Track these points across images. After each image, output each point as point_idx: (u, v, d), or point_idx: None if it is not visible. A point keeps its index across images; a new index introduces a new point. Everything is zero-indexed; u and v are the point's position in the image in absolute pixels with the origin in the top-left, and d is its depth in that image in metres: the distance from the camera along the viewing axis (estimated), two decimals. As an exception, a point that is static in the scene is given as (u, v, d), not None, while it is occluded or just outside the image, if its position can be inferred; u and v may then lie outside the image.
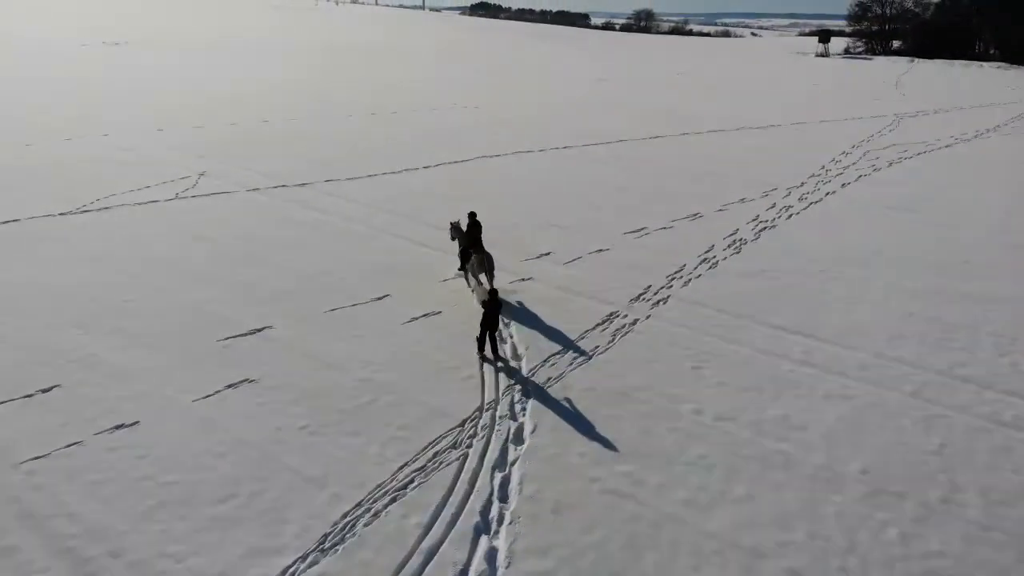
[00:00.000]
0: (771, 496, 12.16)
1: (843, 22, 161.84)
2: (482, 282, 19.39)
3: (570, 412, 14.20)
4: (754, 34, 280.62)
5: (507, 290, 19.58)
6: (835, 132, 47.74)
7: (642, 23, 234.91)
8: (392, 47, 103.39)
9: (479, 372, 15.57)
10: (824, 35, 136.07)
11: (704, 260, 22.78)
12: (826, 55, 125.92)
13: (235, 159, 33.12)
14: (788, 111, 57.20)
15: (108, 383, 14.66)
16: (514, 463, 12.66)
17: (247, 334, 16.78)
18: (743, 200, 29.91)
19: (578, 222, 26.12)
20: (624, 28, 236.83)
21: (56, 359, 15.46)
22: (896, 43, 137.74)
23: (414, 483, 12.03)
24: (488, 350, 16.21)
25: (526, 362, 16.07)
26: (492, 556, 10.71)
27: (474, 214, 20.13)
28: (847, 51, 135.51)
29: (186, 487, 11.86)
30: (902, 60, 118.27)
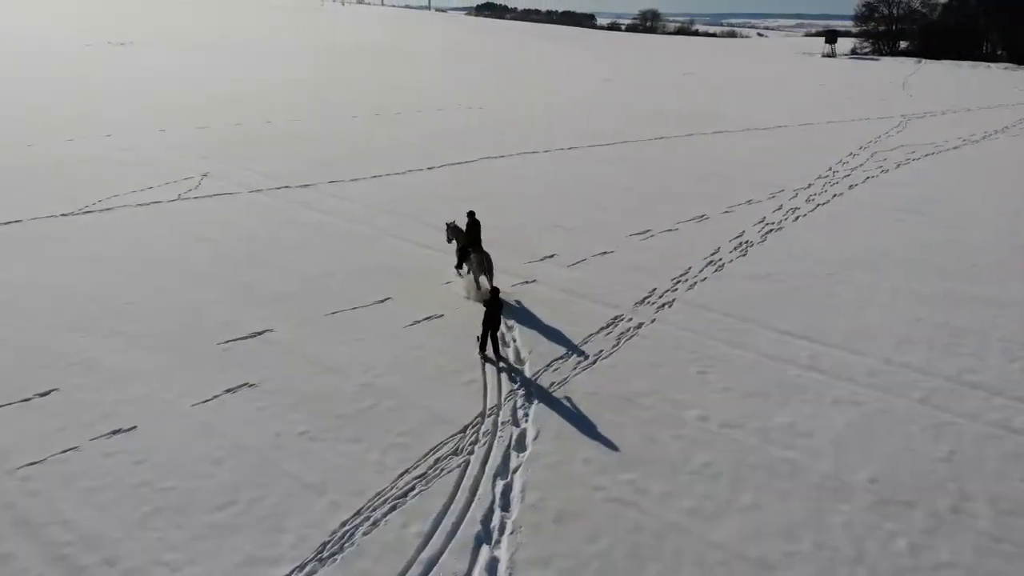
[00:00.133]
0: (777, 505, 11.95)
1: (850, 22, 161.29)
2: (481, 284, 19.24)
3: (573, 418, 14.00)
4: (760, 34, 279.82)
5: (510, 292, 19.41)
6: (842, 133, 47.45)
7: (648, 23, 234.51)
8: (397, 47, 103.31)
9: (481, 376, 15.38)
10: (831, 35, 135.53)
11: (710, 263, 22.56)
12: (833, 55, 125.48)
13: (238, 159, 33.01)
14: (795, 112, 56.90)
15: (106, 386, 14.51)
16: (516, 470, 12.47)
17: (247, 337, 16.62)
18: (749, 202, 29.67)
19: (583, 224, 25.92)
20: (630, 28, 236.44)
21: (55, 362, 15.33)
22: (903, 44, 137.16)
23: (414, 491, 11.84)
24: (489, 350, 16.13)
25: (529, 366, 15.88)
26: (493, 567, 10.51)
27: (473, 213, 20.08)
28: (854, 52, 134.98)
29: (183, 494, 11.69)
30: (909, 61, 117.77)
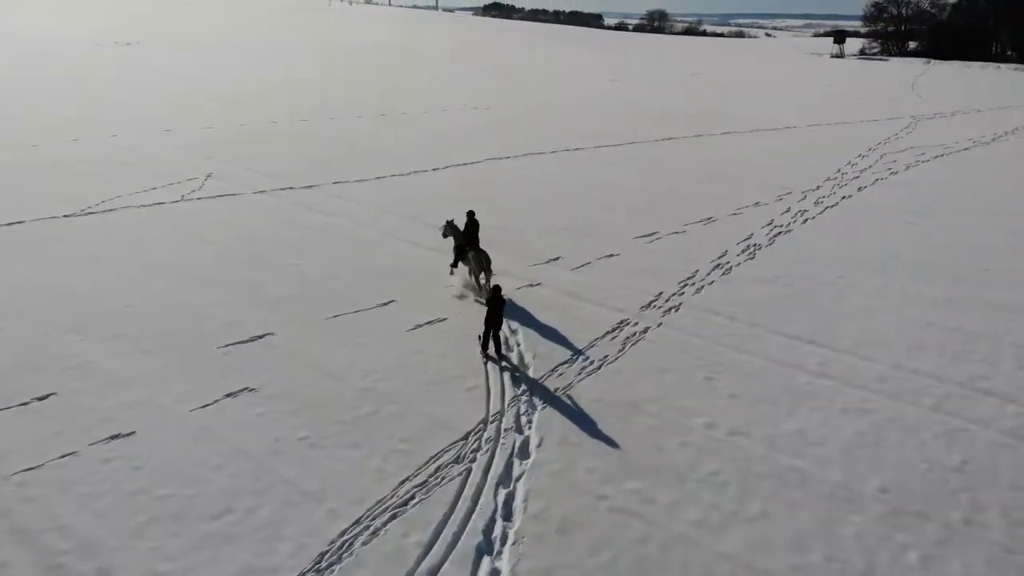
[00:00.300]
0: (786, 515, 11.69)
1: (858, 23, 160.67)
2: (481, 282, 19.28)
3: (578, 425, 13.75)
4: (768, 35, 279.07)
5: (514, 295, 19.19)
6: (851, 134, 47.08)
7: (655, 23, 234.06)
8: (404, 48, 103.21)
9: (484, 381, 15.15)
10: (839, 36, 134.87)
11: (717, 266, 22.29)
12: (841, 56, 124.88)
13: (243, 160, 32.87)
14: (803, 113, 56.54)
15: (105, 391, 14.32)
16: (519, 479, 12.23)
17: (248, 340, 16.43)
18: (757, 204, 29.39)
19: (589, 226, 25.68)
20: (637, 28, 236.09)
21: (53, 365, 15.16)
22: (912, 44, 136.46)
23: (415, 499, 11.62)
24: (491, 349, 16.08)
25: (533, 371, 15.64)
26: (495, 578, 10.29)
27: (472, 213, 20.14)
28: (862, 52, 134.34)
29: (181, 501, 11.50)
30: (918, 61, 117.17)
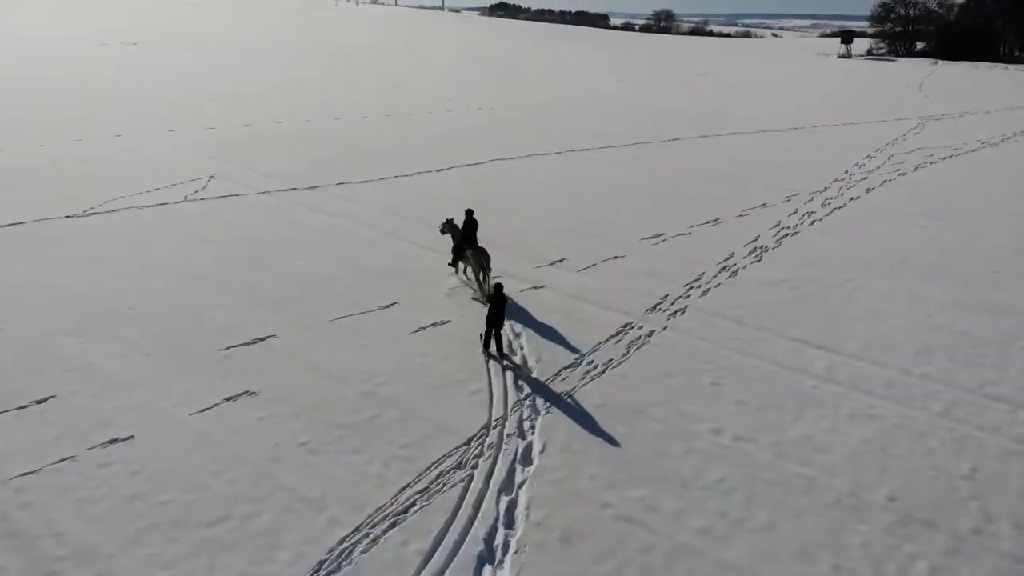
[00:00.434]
0: (793, 524, 11.50)
1: (865, 23, 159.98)
2: (481, 280, 19.32)
3: (581, 430, 13.58)
4: (775, 35, 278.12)
5: (518, 297, 19.04)
6: (859, 135, 46.77)
7: (661, 24, 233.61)
8: (410, 48, 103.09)
9: (487, 385, 14.98)
10: (846, 36, 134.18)
11: (724, 268, 22.09)
12: (848, 56, 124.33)
13: (247, 160, 32.75)
14: (810, 113, 56.22)
15: (105, 394, 14.20)
16: (521, 486, 12.06)
17: (249, 343, 16.29)
18: (764, 205, 29.16)
19: (594, 227, 25.49)
20: (644, 29, 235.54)
21: (53, 367, 15.04)
22: (919, 44, 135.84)
23: (416, 506, 11.45)
24: (493, 347, 16.07)
25: (536, 375, 15.47)
26: (496, 588, 10.13)
27: (471, 212, 20.11)
28: (870, 52, 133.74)
29: (179, 507, 11.35)
30: (925, 62, 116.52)
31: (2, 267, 19.86)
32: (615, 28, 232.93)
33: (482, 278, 19.23)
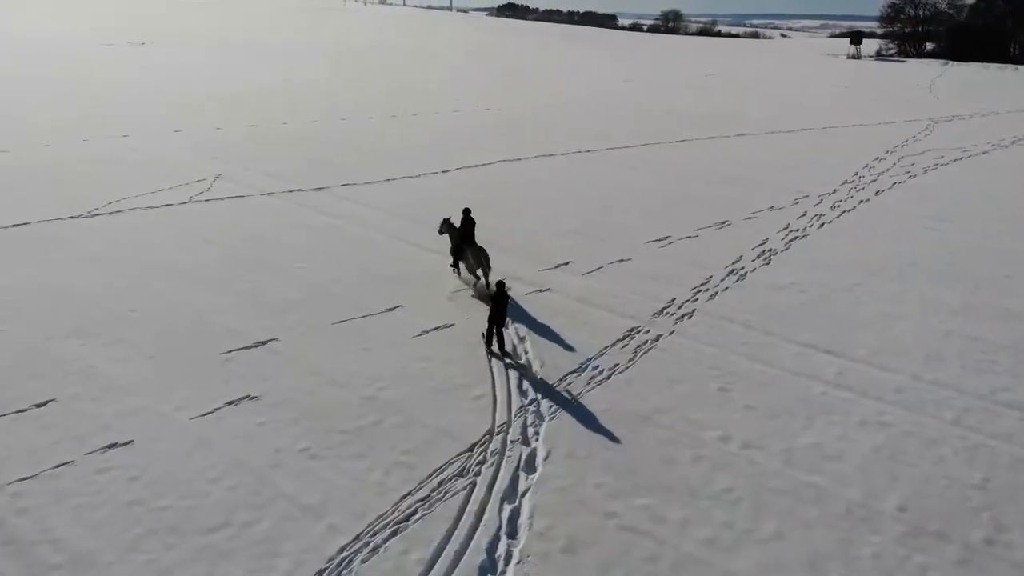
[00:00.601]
0: (802, 535, 11.27)
1: (875, 23, 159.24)
2: (479, 276, 19.44)
3: (586, 437, 13.37)
4: (783, 35, 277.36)
5: (523, 301, 18.86)
6: (868, 136, 46.42)
7: (670, 24, 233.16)
8: (417, 48, 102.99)
9: (491, 390, 14.78)
10: (856, 37, 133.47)
11: (732, 271, 21.85)
12: (858, 57, 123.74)
13: (252, 161, 32.63)
14: (819, 114, 55.87)
15: (105, 397, 14.06)
16: (525, 494, 11.85)
17: (251, 346, 16.13)
18: (773, 207, 28.89)
19: (600, 229, 25.28)
20: (652, 29, 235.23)
21: (54, 370, 14.91)
22: (929, 45, 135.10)
23: (417, 514, 11.26)
24: (495, 345, 16.10)
25: (541, 380, 15.26)
26: (498, 599, 9.94)
27: (468, 211, 20.13)
28: (879, 53, 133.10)
29: (177, 513, 11.20)
30: (935, 63, 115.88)
31: (5, 268, 19.75)
32: (623, 28, 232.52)
33: (481, 277, 19.33)
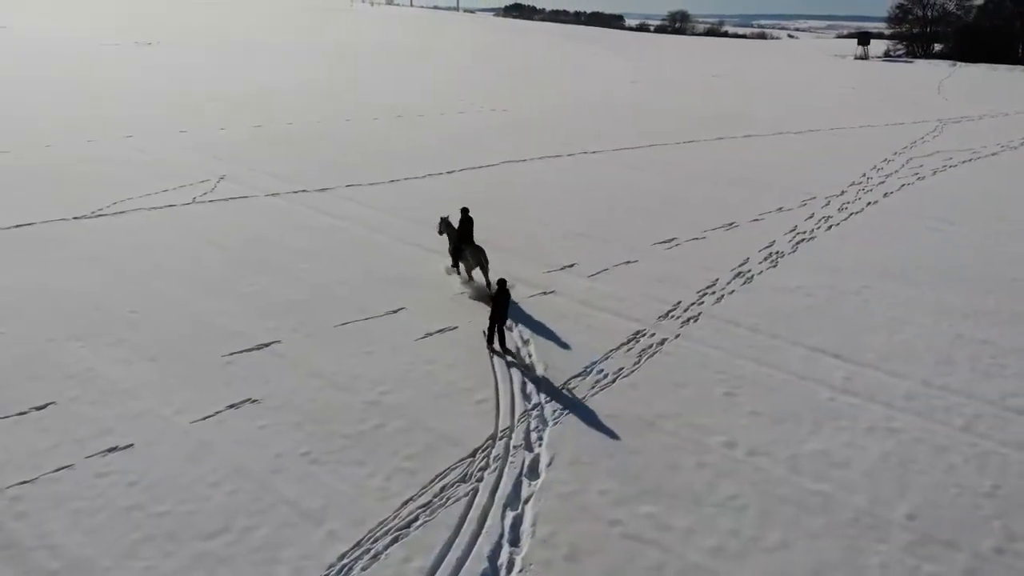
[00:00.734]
0: (808, 544, 11.09)
1: (883, 24, 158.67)
2: (473, 277, 19.64)
3: (590, 442, 13.21)
4: (791, 36, 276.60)
5: (526, 303, 18.71)
6: (876, 138, 46.15)
7: (677, 24, 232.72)
8: (423, 48, 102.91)
9: (494, 394, 14.64)
10: (863, 37, 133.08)
11: (738, 274, 21.66)
12: (865, 58, 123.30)
13: (257, 162, 32.54)
14: (827, 115, 55.59)
15: (105, 400, 13.95)
16: (528, 500, 11.70)
17: (254, 349, 16.01)
18: (780, 209, 28.68)
19: (606, 231, 25.10)
20: (659, 30, 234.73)
21: (54, 373, 14.81)
22: (937, 46, 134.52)
23: (418, 521, 11.12)
24: (496, 343, 16.19)
25: (544, 384, 15.10)
26: (499, 608, 9.79)
27: (467, 210, 20.17)
28: (887, 54, 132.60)
29: (176, 518, 11.08)
30: (943, 63, 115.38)
31: (7, 269, 19.66)
32: (630, 29, 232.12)
33: (481, 276, 19.51)
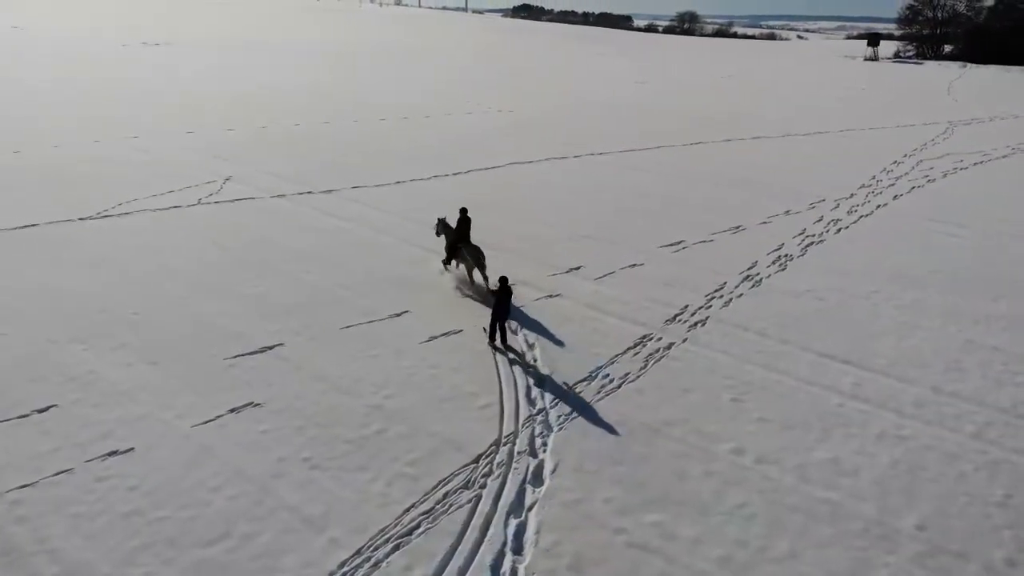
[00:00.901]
0: (816, 554, 10.90)
1: (892, 25, 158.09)
2: (476, 278, 19.69)
3: (595, 449, 13.03)
4: (800, 37, 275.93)
5: (531, 307, 18.55)
6: (886, 140, 45.83)
7: (685, 25, 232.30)
8: (431, 49, 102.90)
9: (499, 398, 14.47)
10: (873, 38, 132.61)
11: (747, 277, 21.45)
12: (875, 59, 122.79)
13: (262, 163, 32.46)
14: (836, 117, 55.28)
15: (107, 403, 13.85)
16: (531, 508, 11.53)
17: (256, 352, 15.88)
18: (788, 212, 28.45)
19: (612, 233, 24.92)
20: (667, 30, 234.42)
21: (56, 375, 14.71)
22: (947, 47, 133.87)
23: (420, 528, 10.97)
24: (498, 340, 16.29)
25: (549, 389, 14.94)
26: (502, 619, 9.63)
27: (465, 210, 20.19)
28: (897, 55, 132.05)
29: (176, 524, 10.96)
30: (954, 65, 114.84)
31: (11, 271, 19.60)
32: (638, 30, 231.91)
33: (476, 275, 19.58)
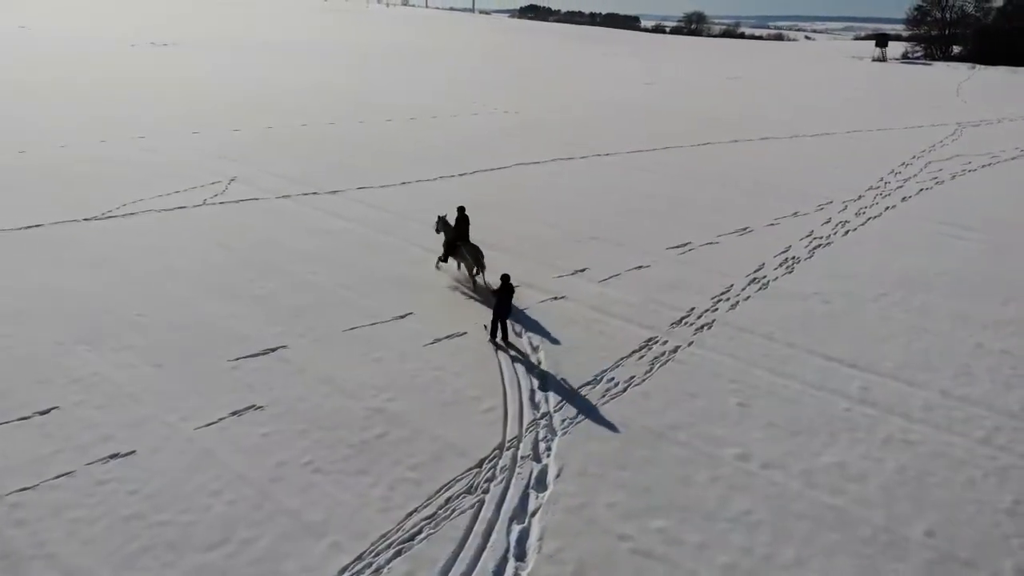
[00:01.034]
0: (823, 562, 10.75)
1: (901, 26, 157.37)
2: (475, 276, 19.78)
3: (600, 454, 12.90)
4: (808, 37, 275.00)
5: (536, 309, 18.43)
6: (894, 141, 45.56)
7: (693, 26, 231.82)
8: (437, 50, 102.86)
9: (502, 402, 14.35)
10: (881, 39, 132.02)
11: (753, 280, 21.29)
12: (883, 60, 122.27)
13: (268, 163, 32.40)
14: (844, 118, 54.98)
15: (109, 406, 13.78)
16: (534, 514, 11.41)
17: (260, 354, 15.80)
18: (796, 214, 28.26)
19: (618, 235, 24.77)
20: (675, 31, 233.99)
21: (59, 377, 14.65)
22: (956, 48, 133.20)
23: (422, 534, 10.87)
24: (499, 337, 16.35)
25: (553, 392, 14.82)
26: (504, 627, 9.51)
27: (463, 208, 20.27)
28: (905, 56, 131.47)
29: (176, 529, 10.88)
30: (962, 66, 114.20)
31: (15, 271, 19.56)
32: (645, 30, 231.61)
33: (476, 274, 19.65)
